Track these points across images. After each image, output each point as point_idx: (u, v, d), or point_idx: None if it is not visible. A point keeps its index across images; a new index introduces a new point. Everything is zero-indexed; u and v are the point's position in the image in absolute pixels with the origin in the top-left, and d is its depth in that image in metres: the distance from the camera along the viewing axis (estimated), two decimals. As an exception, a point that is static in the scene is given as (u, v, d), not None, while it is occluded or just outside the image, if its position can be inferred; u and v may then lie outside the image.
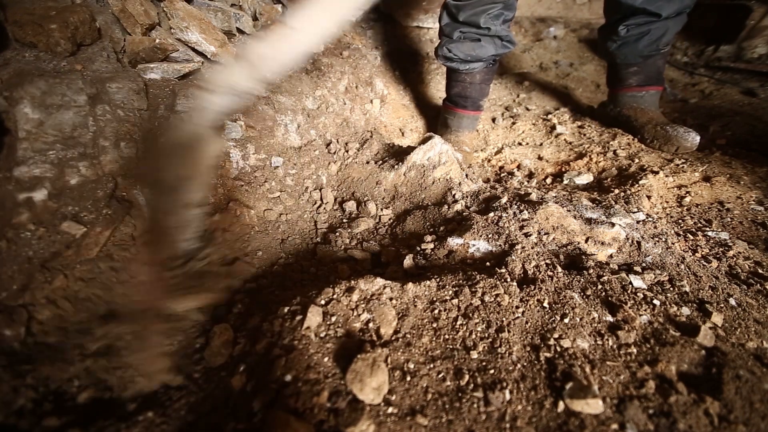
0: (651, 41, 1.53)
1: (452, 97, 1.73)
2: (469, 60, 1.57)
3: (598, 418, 0.51)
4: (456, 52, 1.56)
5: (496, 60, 1.63)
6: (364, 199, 1.23)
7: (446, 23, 1.55)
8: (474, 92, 1.67)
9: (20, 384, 0.61)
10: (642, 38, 1.53)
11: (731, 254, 0.89)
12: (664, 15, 1.45)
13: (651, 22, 1.49)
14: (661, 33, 1.50)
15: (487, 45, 1.53)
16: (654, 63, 1.61)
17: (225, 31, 1.27)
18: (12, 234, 0.75)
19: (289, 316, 0.66)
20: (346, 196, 1.26)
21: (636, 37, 1.54)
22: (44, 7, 0.92)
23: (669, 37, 1.53)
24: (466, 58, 1.57)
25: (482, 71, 1.63)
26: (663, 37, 1.52)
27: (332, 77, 1.62)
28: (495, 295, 0.69)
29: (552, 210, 0.95)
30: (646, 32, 1.51)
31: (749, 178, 1.21)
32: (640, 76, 1.63)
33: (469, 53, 1.55)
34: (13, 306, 0.69)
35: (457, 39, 1.54)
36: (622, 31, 1.54)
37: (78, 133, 0.87)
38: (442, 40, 1.60)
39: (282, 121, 1.26)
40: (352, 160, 1.38)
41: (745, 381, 0.55)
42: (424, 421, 0.50)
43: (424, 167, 1.25)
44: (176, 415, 0.59)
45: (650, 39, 1.52)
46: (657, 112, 1.63)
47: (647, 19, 1.48)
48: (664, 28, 1.49)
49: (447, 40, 1.57)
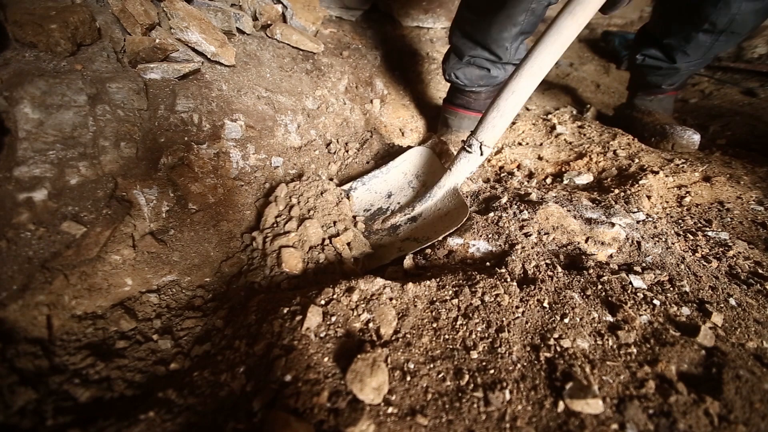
0: (659, 78, 1.55)
1: (455, 103, 1.72)
2: (475, 86, 1.52)
3: (598, 418, 0.51)
4: (462, 79, 1.49)
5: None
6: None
7: (457, 38, 1.43)
8: (478, 105, 1.64)
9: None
10: (652, 72, 1.55)
11: (731, 254, 0.89)
12: (679, 63, 1.45)
13: (663, 61, 1.50)
14: (670, 75, 1.52)
15: (497, 73, 1.46)
16: (665, 97, 1.64)
17: (225, 31, 1.27)
18: (12, 234, 0.75)
19: (289, 316, 0.66)
20: (346, 196, 1.26)
21: (648, 69, 1.57)
22: (44, 7, 0.92)
23: (677, 80, 1.54)
24: (472, 85, 1.51)
25: (488, 92, 1.59)
26: (670, 78, 1.53)
27: (332, 77, 1.62)
28: (495, 295, 0.69)
29: (552, 210, 0.95)
30: (657, 68, 1.53)
31: (749, 178, 1.21)
32: (656, 89, 1.66)
33: (476, 81, 1.49)
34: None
35: (466, 63, 1.45)
36: (639, 58, 1.56)
37: (78, 133, 0.87)
38: (449, 57, 1.51)
39: (282, 121, 1.26)
40: (352, 160, 1.38)
41: (745, 381, 0.55)
42: (424, 421, 0.50)
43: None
44: (177, 414, 0.59)
45: (659, 75, 1.54)
46: (665, 114, 1.64)
47: (661, 56, 1.49)
48: (674, 71, 1.50)
49: (455, 60, 1.48)
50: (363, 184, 1.23)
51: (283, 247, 0.92)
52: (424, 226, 1.06)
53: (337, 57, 1.79)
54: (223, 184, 1.04)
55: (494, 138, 0.98)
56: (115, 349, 0.73)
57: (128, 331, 0.77)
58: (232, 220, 1.01)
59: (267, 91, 1.27)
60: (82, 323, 0.75)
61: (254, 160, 1.13)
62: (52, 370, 0.67)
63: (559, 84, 2.32)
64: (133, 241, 0.87)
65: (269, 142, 1.19)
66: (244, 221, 1.04)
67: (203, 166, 1.01)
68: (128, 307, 0.81)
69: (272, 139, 1.20)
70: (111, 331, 0.76)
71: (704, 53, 1.39)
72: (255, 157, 1.13)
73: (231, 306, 0.84)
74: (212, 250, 0.95)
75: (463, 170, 1.06)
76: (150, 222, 0.90)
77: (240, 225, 1.02)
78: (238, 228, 1.02)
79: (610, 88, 2.34)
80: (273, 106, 1.26)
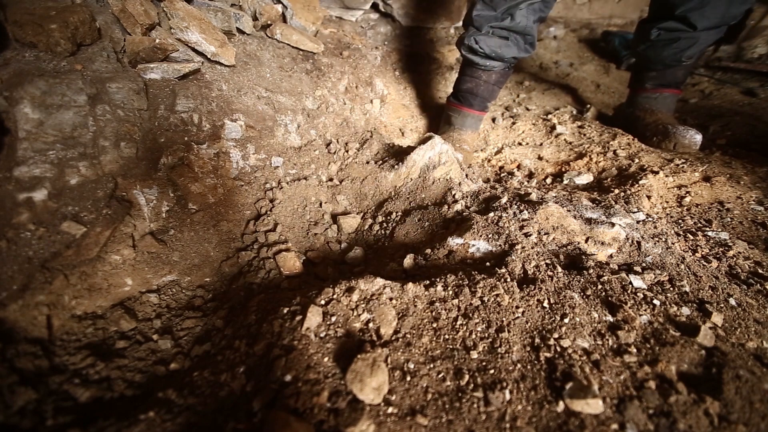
0: (676, 51, 1.52)
1: (460, 94, 1.70)
2: (492, 57, 1.54)
3: (598, 418, 0.51)
4: (483, 46, 1.51)
5: (513, 64, 1.62)
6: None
7: (479, 13, 1.46)
8: (485, 92, 1.65)
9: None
10: (669, 45, 1.52)
11: (731, 254, 0.89)
12: (699, 27, 1.42)
13: (682, 31, 1.47)
14: (688, 45, 1.49)
15: (512, 45, 1.50)
16: (674, 73, 1.61)
17: (225, 31, 1.27)
18: (12, 234, 0.75)
19: (289, 316, 0.66)
20: (346, 196, 1.26)
21: (663, 44, 1.53)
22: (44, 7, 0.92)
23: (695, 51, 1.51)
24: (490, 54, 1.53)
25: (499, 72, 1.61)
26: (689, 49, 1.50)
27: (332, 77, 1.62)
28: (495, 295, 0.69)
29: (552, 210, 0.95)
30: (675, 39, 1.50)
31: (749, 178, 1.21)
32: (656, 81, 1.64)
33: (494, 50, 1.51)
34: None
35: (486, 33, 1.48)
36: (654, 33, 1.53)
37: (78, 133, 0.87)
38: (468, 30, 1.53)
39: (282, 121, 1.26)
40: (352, 160, 1.38)
41: (745, 381, 0.55)
42: (424, 421, 0.50)
43: (424, 167, 1.25)
44: (177, 414, 0.59)
45: (676, 48, 1.51)
46: (667, 114, 1.63)
47: (679, 26, 1.46)
48: (693, 41, 1.47)
49: (475, 31, 1.51)
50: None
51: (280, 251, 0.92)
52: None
53: (337, 57, 1.79)
54: (223, 184, 1.04)
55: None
56: (115, 349, 0.73)
57: (128, 331, 0.77)
58: (232, 220, 1.01)
59: (267, 91, 1.27)
60: (82, 323, 0.75)
61: (254, 160, 1.13)
62: (52, 370, 0.67)
63: (559, 84, 2.32)
64: (133, 241, 0.87)
65: (269, 142, 1.19)
66: (244, 221, 1.04)
67: (203, 166, 1.01)
68: (128, 307, 0.81)
69: (272, 139, 1.20)
70: (111, 331, 0.76)
71: (722, 14, 1.37)
72: (255, 157, 1.13)
73: (231, 306, 0.84)
74: (212, 250, 0.95)
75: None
76: (150, 222, 0.90)
77: (240, 225, 1.02)
78: (238, 228, 1.02)
79: (610, 88, 2.34)
80: (273, 106, 1.26)
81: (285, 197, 1.11)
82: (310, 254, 1.03)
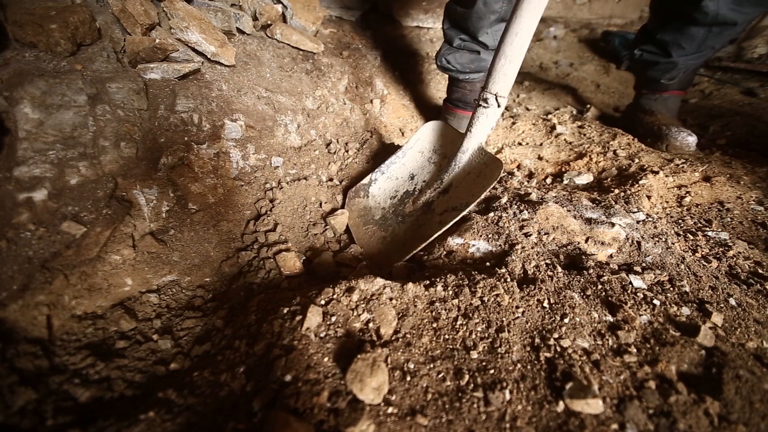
0: (656, 73, 1.53)
1: (453, 100, 1.72)
2: (468, 71, 1.54)
3: (598, 418, 0.51)
4: (454, 64, 1.52)
5: None
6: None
7: (447, 27, 1.50)
8: (475, 98, 1.66)
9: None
10: (650, 67, 1.53)
11: (731, 254, 0.89)
12: (674, 56, 1.43)
13: (660, 55, 1.48)
14: (667, 69, 1.50)
15: (487, 58, 1.49)
16: (670, 97, 1.62)
17: (225, 31, 1.27)
18: (12, 234, 0.75)
19: (289, 316, 0.66)
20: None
21: (644, 64, 1.55)
22: (44, 7, 0.92)
23: (675, 74, 1.51)
24: (464, 70, 1.53)
25: (482, 81, 1.61)
26: (668, 73, 1.51)
27: (332, 77, 1.62)
28: (495, 295, 0.69)
29: (552, 210, 0.95)
30: (654, 63, 1.51)
31: (749, 178, 1.21)
32: (654, 85, 1.65)
33: (467, 65, 1.51)
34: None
35: (457, 47, 1.49)
36: (636, 53, 1.55)
37: (78, 133, 0.87)
38: (443, 46, 1.56)
39: (282, 121, 1.26)
40: (352, 160, 1.38)
41: (745, 381, 0.55)
42: (424, 421, 0.50)
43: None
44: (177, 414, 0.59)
45: (657, 71, 1.52)
46: (667, 115, 1.63)
47: (658, 50, 1.47)
48: (671, 66, 1.48)
49: (447, 47, 1.53)
50: (382, 173, 1.23)
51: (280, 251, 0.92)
52: (458, 193, 1.05)
53: (337, 57, 1.79)
54: (223, 184, 1.04)
55: (507, 86, 0.96)
56: (115, 349, 0.73)
57: (128, 331, 0.77)
58: (232, 220, 1.01)
59: (267, 91, 1.27)
60: (82, 323, 0.75)
61: (254, 160, 1.13)
62: (52, 370, 0.67)
63: (559, 84, 2.32)
64: (133, 241, 0.87)
65: (269, 142, 1.19)
66: (244, 221, 1.04)
67: (203, 166, 1.01)
68: (128, 307, 0.81)
69: (272, 139, 1.20)
70: (111, 331, 0.76)
71: (699, 46, 1.38)
72: (255, 157, 1.13)
73: (231, 306, 0.84)
74: (212, 250, 0.95)
75: (483, 127, 1.03)
76: (150, 222, 0.90)
77: (240, 225, 1.02)
78: (238, 228, 1.02)
79: (610, 88, 2.34)
80: (273, 106, 1.26)
81: (285, 197, 1.11)
82: (310, 254, 1.03)
